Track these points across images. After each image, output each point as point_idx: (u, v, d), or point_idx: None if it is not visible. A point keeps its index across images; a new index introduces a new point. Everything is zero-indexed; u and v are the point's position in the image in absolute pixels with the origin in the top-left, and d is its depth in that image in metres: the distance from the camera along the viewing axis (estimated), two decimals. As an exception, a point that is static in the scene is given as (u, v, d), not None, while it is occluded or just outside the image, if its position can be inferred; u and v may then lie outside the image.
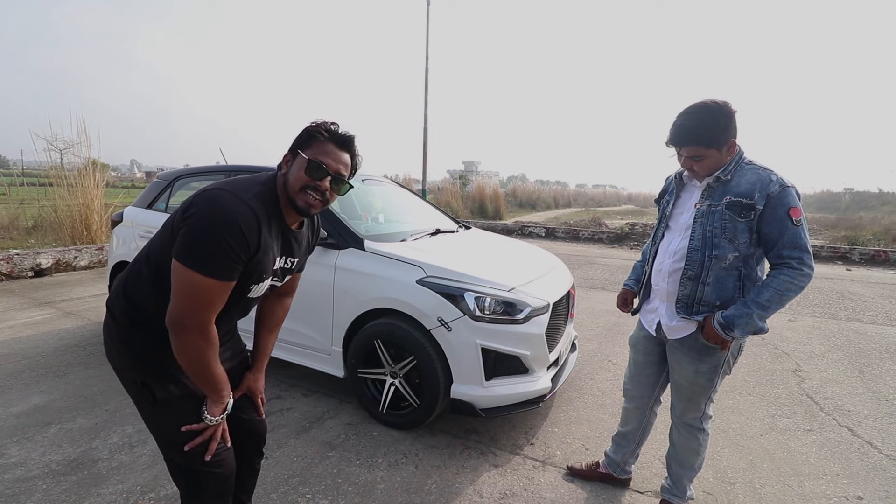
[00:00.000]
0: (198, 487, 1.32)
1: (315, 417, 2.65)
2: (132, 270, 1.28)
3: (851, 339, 4.41)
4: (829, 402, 3.09)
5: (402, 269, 2.47)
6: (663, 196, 1.85)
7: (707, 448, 1.86)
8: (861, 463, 2.40)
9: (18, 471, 2.09)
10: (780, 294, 1.49)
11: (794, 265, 1.49)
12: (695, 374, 1.71)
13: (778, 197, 1.48)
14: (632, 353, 2.01)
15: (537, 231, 12.85)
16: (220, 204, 1.11)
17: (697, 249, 1.61)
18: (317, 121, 1.27)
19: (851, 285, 7.03)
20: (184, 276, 1.10)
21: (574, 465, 2.23)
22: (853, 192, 36.26)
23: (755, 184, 1.51)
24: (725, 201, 1.55)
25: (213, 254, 1.09)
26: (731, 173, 1.57)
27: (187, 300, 1.11)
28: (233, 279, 1.15)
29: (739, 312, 1.53)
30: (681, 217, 1.72)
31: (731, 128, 1.53)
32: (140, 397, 1.27)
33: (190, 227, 1.10)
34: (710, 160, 1.56)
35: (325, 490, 2.04)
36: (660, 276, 1.76)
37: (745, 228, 1.53)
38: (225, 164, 3.55)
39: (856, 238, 11.47)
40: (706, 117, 1.52)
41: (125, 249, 3.72)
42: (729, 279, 1.59)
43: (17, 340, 3.68)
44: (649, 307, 1.88)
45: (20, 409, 2.63)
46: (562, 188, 50.89)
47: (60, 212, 7.33)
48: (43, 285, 5.58)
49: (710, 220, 1.58)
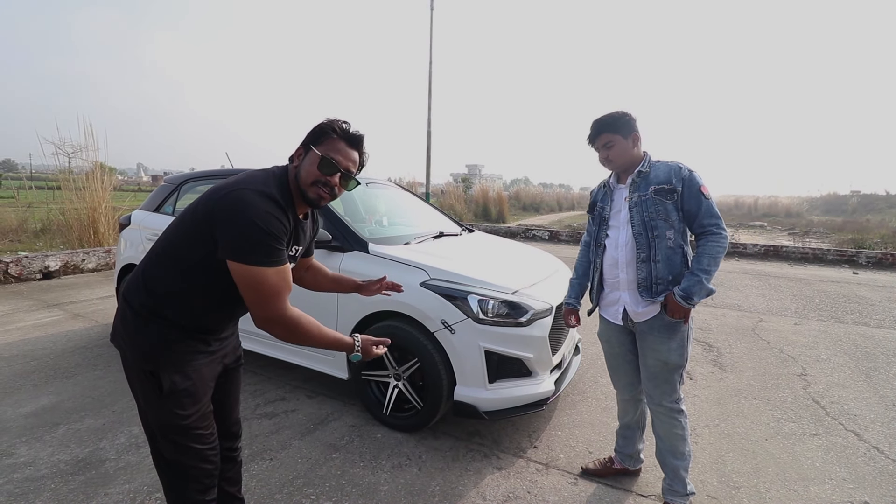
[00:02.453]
0: (183, 481, 1.36)
1: (319, 419, 2.66)
2: (150, 263, 1.33)
3: (858, 343, 4.37)
4: (836, 406, 3.07)
5: (406, 272, 2.49)
6: (595, 206, 2.09)
7: (689, 432, 1.97)
8: (868, 468, 2.38)
9: (28, 470, 2.12)
10: (714, 257, 1.77)
11: (715, 230, 1.79)
12: (667, 351, 1.88)
13: (690, 179, 1.81)
14: (605, 347, 2.15)
15: (541, 234, 12.85)
16: (254, 202, 1.20)
17: (641, 234, 1.87)
18: (330, 118, 1.35)
19: (858, 289, 6.97)
20: (250, 276, 1.19)
21: (588, 466, 2.26)
22: (860, 194, 35.96)
23: (669, 172, 1.84)
24: (652, 189, 1.84)
25: (264, 245, 1.19)
26: (649, 167, 1.89)
27: (262, 296, 1.20)
28: (286, 261, 1.26)
29: (691, 282, 1.77)
30: (619, 215, 1.96)
31: (634, 124, 1.87)
32: (146, 386, 1.30)
33: (234, 231, 1.18)
34: (618, 146, 1.88)
35: (330, 491, 2.05)
36: (617, 267, 1.96)
37: (673, 208, 1.83)
38: (231, 168, 3.58)
39: (863, 241, 11.37)
40: (613, 113, 1.90)
41: (133, 252, 3.76)
42: (676, 257, 1.85)
43: (26, 342, 3.73)
44: (608, 300, 2.05)
45: (29, 409, 2.67)
46: (565, 191, 50.80)
47: (68, 215, 7.42)
48: (51, 287, 5.64)
49: (644, 207, 1.86)
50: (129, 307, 1.31)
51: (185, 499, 1.38)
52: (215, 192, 1.25)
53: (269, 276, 1.20)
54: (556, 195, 37.03)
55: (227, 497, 1.61)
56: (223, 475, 1.57)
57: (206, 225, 1.22)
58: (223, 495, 1.59)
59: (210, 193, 1.26)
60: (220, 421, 1.48)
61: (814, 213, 31.00)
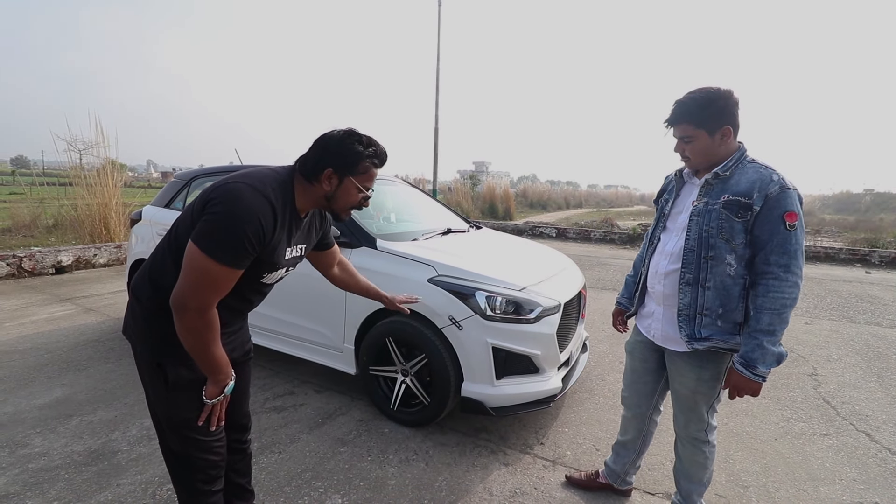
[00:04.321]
0: (190, 472, 1.39)
1: (327, 413, 2.68)
2: (156, 258, 1.34)
3: (870, 343, 4.32)
4: (846, 406, 3.03)
5: (414, 268, 2.50)
6: (662, 195, 1.79)
7: (714, 461, 1.78)
8: (879, 469, 2.35)
9: (42, 460, 2.16)
10: (779, 313, 1.42)
11: (780, 274, 1.41)
12: (696, 381, 1.63)
13: (776, 199, 1.42)
14: (628, 360, 1.93)
15: (548, 231, 12.81)
16: (243, 197, 1.17)
17: (693, 250, 1.54)
18: (360, 137, 1.31)
19: (871, 288, 6.88)
20: (197, 260, 1.15)
21: (573, 476, 2.15)
22: (873, 193, 35.41)
23: (755, 183, 1.45)
24: (723, 200, 1.48)
25: (229, 242, 1.15)
26: (732, 170, 1.51)
27: (195, 282, 1.16)
28: (241, 268, 1.21)
29: (751, 346, 1.45)
30: (679, 217, 1.65)
31: (727, 114, 1.48)
32: (154, 378, 1.33)
33: (212, 216, 1.16)
34: (700, 143, 1.51)
35: (338, 485, 2.07)
36: (655, 277, 1.69)
37: (741, 229, 1.46)
38: (240, 164, 3.61)
39: (876, 240, 11.20)
40: (701, 97, 1.49)
41: (143, 247, 3.80)
42: (735, 288, 1.51)
43: (40, 335, 3.79)
44: (645, 311, 1.80)
45: (43, 401, 2.71)
46: (573, 189, 50.55)
47: (80, 211, 7.51)
48: (63, 282, 5.72)
49: (707, 218, 1.51)
50: (137, 301, 1.34)
51: (192, 490, 1.41)
52: (215, 183, 1.25)
53: (218, 272, 1.16)
54: (564, 193, 36.87)
55: (237, 488, 1.64)
56: (233, 467, 1.59)
57: (201, 215, 1.20)
58: (233, 486, 1.62)
59: (210, 185, 1.26)
60: (230, 413, 1.50)
61: (826, 211, 30.59)
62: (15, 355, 3.36)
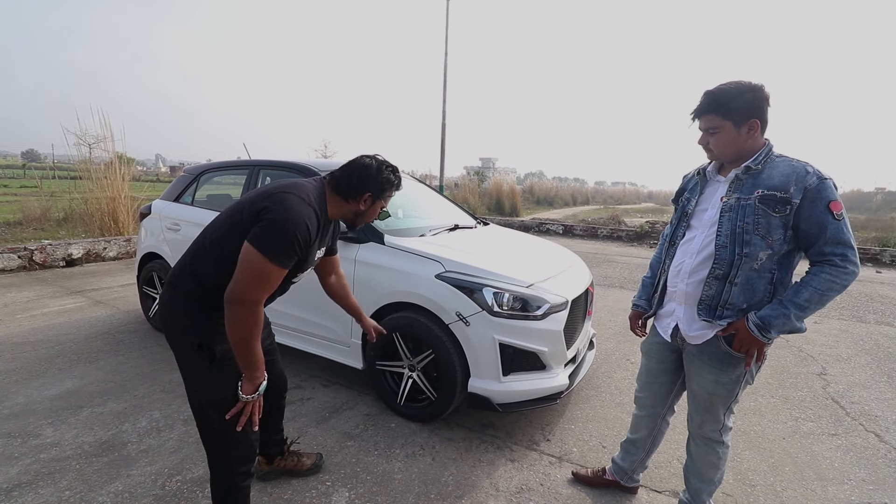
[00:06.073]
0: (229, 448, 1.49)
1: (334, 408, 2.70)
2: (197, 255, 1.48)
3: (880, 343, 4.27)
4: (856, 406, 3.01)
5: (422, 264, 2.50)
6: (682, 194, 1.75)
7: (727, 461, 1.75)
8: (888, 469, 2.33)
9: (53, 451, 2.19)
10: (821, 294, 1.38)
11: (838, 262, 1.37)
12: (714, 384, 1.60)
13: (816, 190, 1.38)
14: (644, 361, 1.91)
15: (555, 228, 12.75)
16: (293, 206, 1.37)
17: (726, 246, 1.50)
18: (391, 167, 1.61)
19: (881, 288, 6.80)
20: (254, 260, 1.31)
21: (579, 472, 2.15)
22: (885, 191, 34.93)
23: (790, 176, 1.41)
24: (758, 195, 1.45)
25: (282, 245, 1.33)
26: (762, 164, 1.48)
27: (251, 279, 1.31)
28: (288, 268, 1.39)
29: (776, 312, 1.42)
30: (704, 214, 1.61)
31: (755, 108, 1.45)
32: (196, 360, 1.42)
33: (268, 221, 1.34)
34: (725, 135, 1.49)
35: (345, 478, 2.08)
36: (678, 276, 1.65)
37: (779, 224, 1.42)
38: (248, 159, 3.62)
39: (887, 239, 11.04)
40: (731, 88, 1.47)
41: (153, 241, 3.83)
42: (760, 281, 1.48)
43: (51, 327, 3.84)
44: (664, 311, 1.77)
45: (54, 392, 2.75)
46: (580, 185, 50.31)
47: (90, 204, 7.58)
48: (74, 275, 5.78)
49: (741, 214, 1.47)
50: (176, 292, 1.45)
51: (228, 469, 1.51)
52: (265, 191, 1.42)
53: (271, 271, 1.33)
54: (571, 189, 36.68)
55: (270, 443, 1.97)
56: (274, 426, 1.97)
57: (252, 224, 1.36)
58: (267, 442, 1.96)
59: (260, 193, 1.41)
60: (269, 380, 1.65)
61: (836, 209, 30.13)
62: (27, 347, 3.40)
